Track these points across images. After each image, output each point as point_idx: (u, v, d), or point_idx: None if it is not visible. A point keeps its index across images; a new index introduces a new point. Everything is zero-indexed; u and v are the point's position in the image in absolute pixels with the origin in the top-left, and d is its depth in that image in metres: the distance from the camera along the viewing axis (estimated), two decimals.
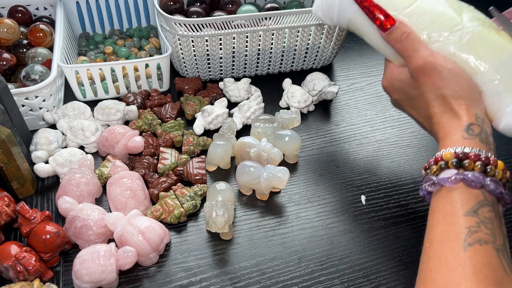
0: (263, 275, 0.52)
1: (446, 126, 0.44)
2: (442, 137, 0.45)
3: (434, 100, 0.46)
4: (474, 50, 0.47)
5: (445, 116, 0.45)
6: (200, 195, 0.59)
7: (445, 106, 0.45)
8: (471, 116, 0.43)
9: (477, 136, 0.42)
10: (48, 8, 0.86)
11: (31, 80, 0.69)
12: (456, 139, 0.42)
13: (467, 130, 0.42)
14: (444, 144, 0.44)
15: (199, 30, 0.71)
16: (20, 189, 0.59)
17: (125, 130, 0.66)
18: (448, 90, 0.45)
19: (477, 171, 0.39)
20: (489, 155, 0.40)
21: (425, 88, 0.47)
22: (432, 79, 0.46)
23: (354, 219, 0.59)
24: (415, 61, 0.47)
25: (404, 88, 0.50)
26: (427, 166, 0.44)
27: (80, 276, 0.48)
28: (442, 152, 0.42)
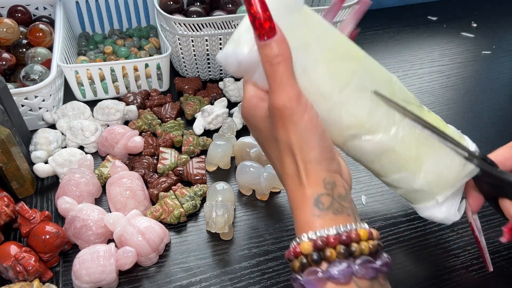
0: (263, 275, 0.52)
1: (296, 197, 0.38)
2: (294, 212, 0.38)
3: (285, 154, 0.38)
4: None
5: (294, 180, 0.38)
6: (200, 195, 0.59)
7: (295, 167, 0.38)
8: (318, 184, 0.37)
9: (329, 209, 0.36)
10: (48, 8, 0.86)
11: (30, 80, 0.69)
12: (308, 218, 0.36)
13: (316, 205, 0.36)
14: (297, 224, 0.37)
15: (199, 30, 0.71)
16: (19, 189, 0.59)
17: (125, 130, 0.65)
18: (296, 143, 0.37)
19: (341, 258, 0.34)
20: (348, 228, 0.35)
21: (278, 134, 0.38)
22: (284, 126, 0.37)
23: None
24: (277, 98, 0.37)
25: (259, 126, 0.41)
26: (288, 257, 0.37)
27: (80, 276, 0.48)
28: (298, 240, 0.36)
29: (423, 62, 0.91)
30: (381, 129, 0.42)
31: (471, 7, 1.10)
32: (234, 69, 0.40)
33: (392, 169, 0.44)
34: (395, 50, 0.94)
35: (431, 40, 0.98)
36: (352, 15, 0.49)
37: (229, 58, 0.39)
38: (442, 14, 1.07)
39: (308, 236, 0.35)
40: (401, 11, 1.08)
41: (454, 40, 0.98)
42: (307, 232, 0.35)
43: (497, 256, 0.55)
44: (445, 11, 1.08)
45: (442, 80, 0.86)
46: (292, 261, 0.36)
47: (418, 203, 0.47)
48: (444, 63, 0.91)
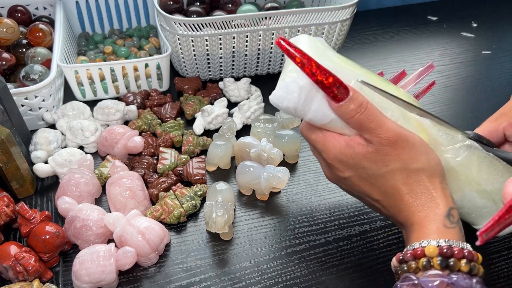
0: (263, 275, 0.52)
1: (423, 210, 0.39)
2: (419, 223, 0.39)
3: (405, 178, 0.40)
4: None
5: (420, 197, 0.40)
6: (200, 195, 0.59)
7: (419, 185, 0.40)
8: (449, 198, 0.39)
9: (457, 224, 0.38)
10: (48, 8, 0.86)
11: (30, 80, 0.69)
12: (437, 228, 0.38)
13: (448, 217, 0.38)
14: (422, 232, 0.38)
15: (199, 30, 0.71)
16: (19, 189, 0.59)
17: (125, 130, 0.65)
18: (421, 164, 0.40)
19: (463, 270, 0.35)
20: (469, 248, 0.37)
21: (395, 164, 0.40)
22: (405, 152, 0.40)
23: (354, 219, 0.59)
24: (384, 133, 0.40)
25: (364, 164, 0.41)
26: (402, 258, 0.38)
27: (80, 276, 0.48)
28: (422, 243, 0.37)
29: (423, 62, 0.91)
30: (442, 146, 0.44)
31: (471, 7, 1.10)
32: (295, 98, 0.41)
33: (454, 187, 0.45)
34: (395, 50, 0.94)
35: (431, 40, 0.98)
36: (416, 76, 0.52)
37: (290, 86, 0.41)
38: (442, 14, 1.07)
39: (437, 241, 0.36)
40: (401, 11, 1.08)
41: (454, 40, 0.98)
42: (436, 239, 0.37)
43: (497, 256, 0.55)
44: (445, 11, 1.08)
45: (442, 80, 0.86)
46: (408, 262, 0.37)
47: (482, 221, 0.46)
48: (444, 63, 0.91)
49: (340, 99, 0.39)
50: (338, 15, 0.74)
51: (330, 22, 0.75)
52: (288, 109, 0.43)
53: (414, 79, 0.51)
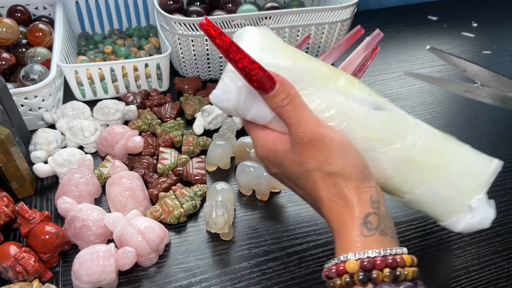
0: (263, 275, 0.52)
1: (340, 218, 0.38)
2: (338, 232, 0.38)
3: (322, 181, 0.39)
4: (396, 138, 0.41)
5: (337, 202, 0.38)
6: (200, 195, 0.59)
7: (335, 189, 0.38)
8: (366, 203, 0.37)
9: (377, 230, 0.36)
10: (48, 8, 0.85)
11: (30, 80, 0.69)
12: (355, 237, 0.36)
13: (365, 224, 0.36)
14: (342, 243, 0.37)
15: (199, 30, 0.71)
16: (19, 189, 0.59)
17: (125, 130, 0.65)
18: (336, 167, 0.38)
19: (387, 281, 0.34)
20: (394, 252, 0.35)
21: (310, 165, 0.38)
22: (318, 154, 0.38)
23: None
24: (300, 131, 0.38)
25: (284, 163, 0.41)
26: (327, 274, 0.36)
27: (80, 276, 0.48)
28: (342, 258, 0.35)
29: (423, 62, 0.91)
30: (396, 138, 0.41)
31: (472, 7, 1.10)
32: (234, 99, 0.41)
33: (415, 181, 0.42)
34: (395, 50, 0.94)
35: (431, 40, 0.98)
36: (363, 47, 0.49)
37: (229, 86, 0.41)
38: (442, 14, 1.07)
39: (356, 255, 0.35)
40: (401, 11, 1.08)
41: (454, 40, 0.98)
42: (354, 252, 0.35)
43: (498, 256, 0.55)
44: (445, 11, 1.08)
45: None
46: (333, 279, 0.36)
47: (450, 217, 0.43)
48: (445, 62, 0.91)
49: (265, 90, 0.38)
50: (338, 15, 0.74)
51: (330, 22, 0.75)
52: (227, 109, 0.42)
53: (362, 50, 0.49)
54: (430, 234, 0.57)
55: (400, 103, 0.79)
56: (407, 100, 0.80)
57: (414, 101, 0.80)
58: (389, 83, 0.84)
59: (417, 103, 0.79)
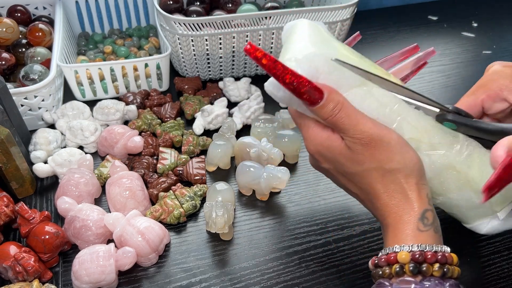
0: (263, 275, 0.52)
1: (397, 212, 0.39)
2: (393, 225, 0.39)
3: (381, 178, 0.40)
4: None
5: (395, 197, 0.39)
6: (200, 195, 0.59)
7: (395, 185, 0.39)
8: (424, 199, 0.39)
9: (431, 226, 0.38)
10: (47, 8, 0.85)
11: (30, 80, 0.69)
12: (410, 231, 0.38)
13: (421, 220, 0.38)
14: (396, 235, 0.38)
15: (198, 30, 0.71)
16: (19, 189, 0.59)
17: (125, 130, 0.65)
18: (397, 164, 0.39)
19: (436, 275, 0.35)
20: (444, 250, 0.37)
21: (370, 164, 0.40)
22: (379, 153, 0.39)
23: (355, 220, 0.58)
24: (357, 133, 0.40)
25: (340, 160, 0.42)
26: (377, 262, 0.38)
27: (80, 276, 0.48)
28: (395, 248, 0.37)
29: None
30: (443, 145, 0.43)
31: (472, 7, 1.10)
32: (281, 95, 0.42)
33: (451, 187, 0.44)
34: (395, 50, 0.94)
35: (432, 40, 0.98)
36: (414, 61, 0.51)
37: (277, 84, 0.41)
38: (442, 14, 1.07)
39: (409, 246, 0.36)
40: (401, 11, 1.08)
41: (454, 40, 0.98)
42: (408, 244, 0.37)
43: (498, 256, 0.55)
44: (445, 11, 1.08)
45: (442, 80, 0.86)
46: (382, 267, 0.37)
47: (475, 221, 0.46)
48: (445, 62, 0.91)
49: (314, 102, 0.39)
50: (338, 14, 0.74)
51: (330, 22, 0.75)
52: (283, 99, 0.43)
53: (411, 64, 0.51)
54: None
55: None
56: None
57: None
58: None
59: None
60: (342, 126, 0.40)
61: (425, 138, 0.43)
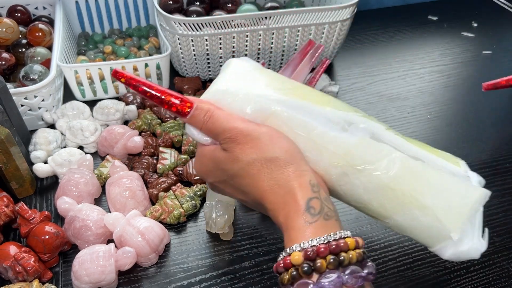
0: (263, 275, 0.52)
1: (284, 207, 0.37)
2: (284, 224, 0.37)
3: (259, 174, 0.38)
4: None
5: (277, 192, 0.37)
6: (200, 195, 0.59)
7: (274, 179, 0.38)
8: (306, 187, 0.37)
9: (320, 214, 0.36)
10: (47, 8, 0.85)
11: (30, 80, 0.69)
12: (300, 226, 0.35)
13: (308, 210, 0.35)
14: (289, 235, 0.36)
15: (198, 30, 0.71)
16: (19, 189, 0.59)
17: (125, 130, 0.65)
18: (271, 154, 0.38)
19: (331, 268, 0.33)
20: (337, 237, 0.34)
21: (245, 158, 0.39)
22: (248, 146, 0.39)
23: (354, 220, 0.58)
24: (227, 133, 0.39)
25: (220, 166, 0.41)
26: (277, 270, 0.35)
27: (80, 276, 0.48)
28: (288, 250, 0.35)
29: (423, 62, 0.91)
30: (368, 164, 0.40)
31: (472, 7, 1.10)
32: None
33: (393, 207, 0.40)
34: (395, 50, 0.94)
35: (432, 40, 0.98)
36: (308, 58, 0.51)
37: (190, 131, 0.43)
38: (442, 13, 1.07)
39: (300, 245, 0.34)
40: (401, 11, 1.08)
41: (454, 39, 0.98)
42: (299, 242, 0.34)
43: (498, 256, 0.55)
44: (445, 11, 1.08)
45: (442, 80, 0.86)
46: (282, 273, 0.35)
47: (435, 245, 0.41)
48: (445, 62, 0.91)
49: (185, 113, 0.40)
50: (338, 14, 0.74)
51: (330, 22, 0.75)
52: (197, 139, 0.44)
53: (307, 62, 0.51)
54: None
55: (400, 103, 0.79)
56: (407, 100, 0.80)
57: (414, 101, 0.80)
58: (389, 83, 0.84)
59: (417, 103, 0.79)
60: (215, 130, 0.40)
61: (348, 161, 0.40)
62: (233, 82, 0.42)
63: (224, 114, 0.41)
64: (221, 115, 0.40)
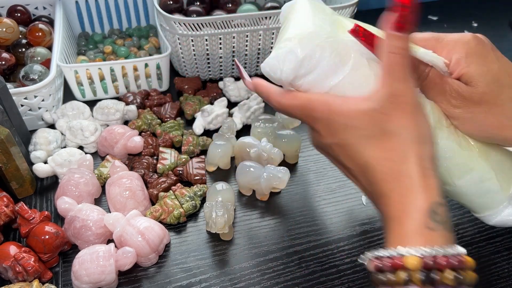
0: (263, 275, 0.52)
1: (401, 200, 0.33)
2: (398, 218, 0.33)
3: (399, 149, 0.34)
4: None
5: (402, 182, 0.33)
6: (200, 195, 0.59)
7: (411, 166, 0.33)
8: (434, 190, 0.32)
9: (443, 224, 0.32)
10: (47, 8, 0.85)
11: (30, 80, 0.69)
12: (418, 229, 0.31)
13: (431, 216, 0.31)
14: (400, 232, 0.32)
15: (198, 30, 0.71)
16: (19, 189, 0.59)
17: (125, 130, 0.65)
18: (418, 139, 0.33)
19: (449, 284, 0.30)
20: (457, 252, 0.31)
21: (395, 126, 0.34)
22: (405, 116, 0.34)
23: (355, 219, 0.58)
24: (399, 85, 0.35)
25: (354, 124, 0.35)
26: (380, 266, 0.31)
27: (80, 276, 0.48)
28: (400, 251, 0.31)
29: None
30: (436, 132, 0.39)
31: (472, 7, 1.10)
32: (291, 68, 0.38)
33: (459, 173, 0.41)
34: None
35: None
36: None
37: (287, 56, 0.38)
38: (442, 14, 1.07)
39: (420, 251, 0.30)
40: None
41: None
42: (417, 246, 0.31)
43: (498, 256, 0.55)
44: (445, 11, 1.08)
45: None
46: (384, 272, 0.31)
47: (487, 210, 0.42)
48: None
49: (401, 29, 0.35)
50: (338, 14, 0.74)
51: None
52: (280, 80, 0.40)
53: None
54: None
55: None
56: None
57: None
58: None
59: None
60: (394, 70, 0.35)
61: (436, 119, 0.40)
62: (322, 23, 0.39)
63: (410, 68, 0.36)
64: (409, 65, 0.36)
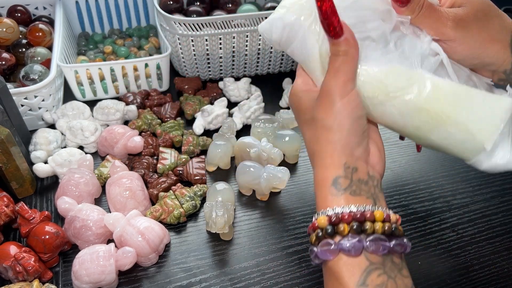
0: (263, 275, 0.52)
1: (317, 176, 0.40)
2: (315, 190, 0.40)
3: (318, 134, 0.40)
4: None
5: (319, 160, 0.40)
6: (200, 195, 0.59)
7: (325, 148, 0.40)
8: (339, 167, 0.39)
9: (346, 190, 0.38)
10: (47, 8, 0.86)
11: (30, 80, 0.69)
12: (326, 196, 0.38)
13: (334, 185, 0.38)
14: (317, 201, 0.39)
15: (198, 30, 0.71)
16: (19, 189, 0.59)
17: (125, 130, 0.65)
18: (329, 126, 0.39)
19: (353, 234, 0.35)
20: (364, 209, 0.36)
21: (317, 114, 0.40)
22: (324, 106, 0.40)
23: None
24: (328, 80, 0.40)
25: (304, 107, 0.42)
26: (308, 231, 0.39)
27: (80, 276, 0.48)
28: (316, 215, 0.38)
29: None
30: (401, 90, 0.41)
31: None
32: (278, 34, 0.43)
33: (428, 128, 0.42)
34: None
35: None
36: None
37: (276, 22, 0.42)
38: None
39: (326, 212, 0.37)
40: None
41: None
42: (325, 209, 0.37)
43: (498, 256, 0.55)
44: None
45: None
46: (311, 234, 0.38)
47: (471, 158, 0.43)
48: None
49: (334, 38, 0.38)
50: None
51: None
52: (271, 41, 0.43)
53: None
54: (430, 234, 0.57)
55: None
56: None
57: None
58: None
59: None
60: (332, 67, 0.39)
61: (383, 90, 0.41)
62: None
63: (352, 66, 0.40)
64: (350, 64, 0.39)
